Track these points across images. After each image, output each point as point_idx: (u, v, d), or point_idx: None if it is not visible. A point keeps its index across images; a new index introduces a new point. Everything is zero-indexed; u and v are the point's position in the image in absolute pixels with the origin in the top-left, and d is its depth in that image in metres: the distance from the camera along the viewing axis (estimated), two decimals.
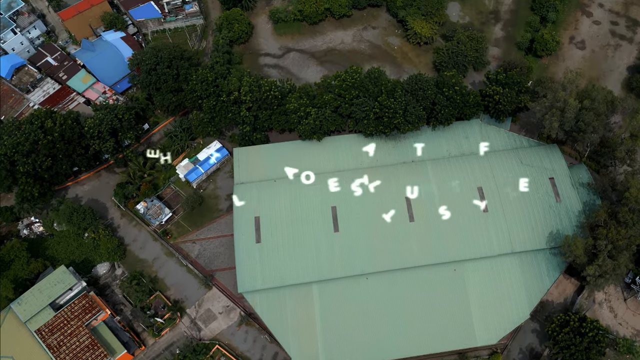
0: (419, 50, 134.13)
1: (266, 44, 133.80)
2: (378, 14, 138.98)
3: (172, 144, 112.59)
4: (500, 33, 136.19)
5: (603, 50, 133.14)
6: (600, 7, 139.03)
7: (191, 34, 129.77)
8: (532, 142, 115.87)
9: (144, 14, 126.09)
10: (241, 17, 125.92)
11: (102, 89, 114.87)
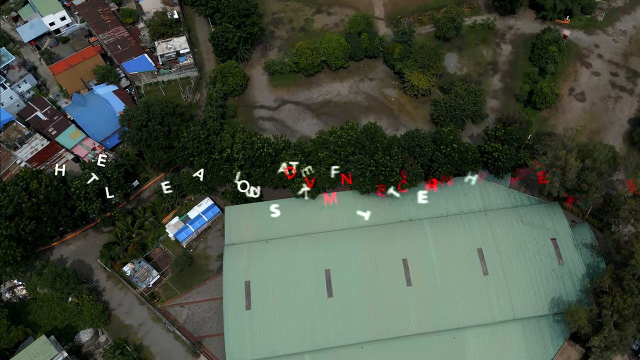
0: (416, 102, 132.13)
1: (261, 96, 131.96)
2: (375, 65, 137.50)
3: (162, 202, 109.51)
4: (498, 84, 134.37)
5: (603, 102, 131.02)
6: (599, 58, 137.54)
7: (185, 86, 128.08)
8: (533, 200, 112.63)
9: (138, 67, 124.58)
10: (236, 69, 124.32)
11: (91, 145, 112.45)
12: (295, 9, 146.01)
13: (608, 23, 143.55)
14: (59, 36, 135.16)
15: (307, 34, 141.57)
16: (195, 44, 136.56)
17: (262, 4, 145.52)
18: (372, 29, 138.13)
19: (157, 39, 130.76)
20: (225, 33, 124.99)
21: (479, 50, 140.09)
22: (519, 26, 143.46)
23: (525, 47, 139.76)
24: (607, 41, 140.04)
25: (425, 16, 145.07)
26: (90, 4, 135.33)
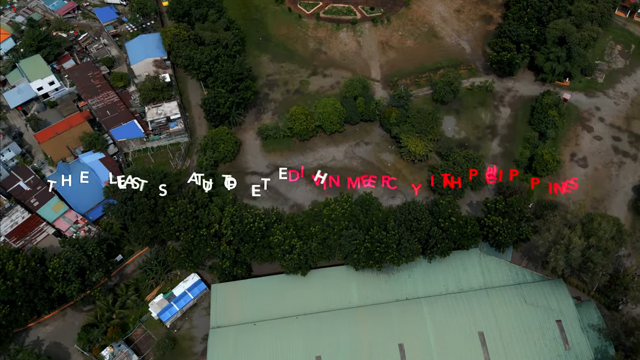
0: (413, 168, 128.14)
1: (254, 162, 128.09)
2: (371, 129, 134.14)
3: (146, 278, 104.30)
4: (497, 149, 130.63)
5: (606, 168, 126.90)
6: (600, 122, 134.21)
7: (175, 153, 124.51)
8: (536, 276, 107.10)
9: (126, 134, 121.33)
10: (227, 136, 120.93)
11: (74, 218, 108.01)
12: (290, 71, 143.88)
13: (609, 85, 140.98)
14: (47, 101, 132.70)
15: (302, 97, 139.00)
16: (187, 108, 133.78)
17: (256, 66, 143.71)
18: (368, 92, 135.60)
19: (147, 103, 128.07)
20: (217, 98, 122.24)
21: (477, 113, 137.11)
22: (517, 88, 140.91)
23: (524, 110, 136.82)
24: (609, 104, 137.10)
25: (422, 78, 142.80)
26: (80, 67, 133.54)
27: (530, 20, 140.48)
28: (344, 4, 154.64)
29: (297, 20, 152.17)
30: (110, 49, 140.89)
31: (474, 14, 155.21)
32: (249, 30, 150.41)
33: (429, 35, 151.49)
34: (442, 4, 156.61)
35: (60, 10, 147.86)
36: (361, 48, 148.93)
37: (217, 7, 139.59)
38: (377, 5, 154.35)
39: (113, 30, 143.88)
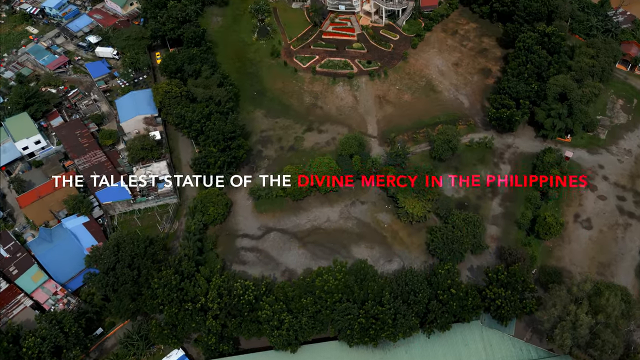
0: (410, 229, 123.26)
1: (245, 223, 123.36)
2: (367, 187, 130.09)
3: (127, 353, 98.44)
4: (498, 209, 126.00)
5: (612, 230, 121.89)
6: (604, 180, 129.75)
7: (163, 215, 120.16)
8: (542, 352, 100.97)
9: (112, 196, 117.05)
10: (218, 198, 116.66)
11: (53, 289, 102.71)
12: (285, 127, 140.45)
13: (611, 141, 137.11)
14: (32, 160, 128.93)
15: (296, 154, 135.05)
16: (177, 167, 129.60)
17: (250, 122, 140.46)
18: (364, 149, 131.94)
19: (136, 162, 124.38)
20: (207, 158, 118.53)
21: (476, 170, 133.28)
22: (518, 145, 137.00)
23: (525, 168, 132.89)
24: (612, 161, 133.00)
25: (420, 134, 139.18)
26: (68, 125, 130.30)
27: (530, 76, 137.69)
28: (340, 57, 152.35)
29: (292, 74, 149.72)
30: (101, 105, 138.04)
31: (472, 67, 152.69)
32: (244, 85, 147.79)
33: (426, 89, 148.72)
34: (440, 58, 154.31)
35: (50, 65, 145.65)
36: (358, 103, 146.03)
37: (211, 62, 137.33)
38: (374, 59, 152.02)
39: (104, 86, 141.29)
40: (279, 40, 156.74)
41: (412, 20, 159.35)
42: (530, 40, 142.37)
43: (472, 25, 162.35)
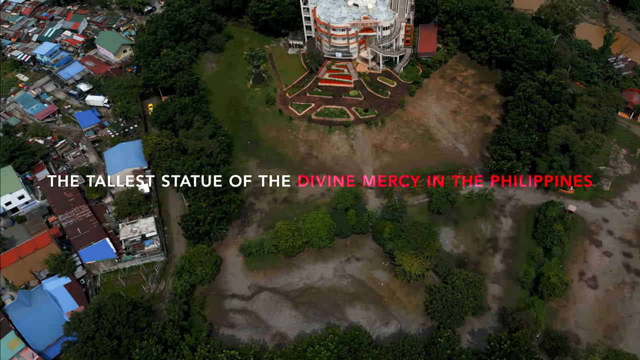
0: (408, 288, 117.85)
1: (234, 282, 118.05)
2: (363, 242, 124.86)
3: None
4: (500, 266, 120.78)
5: (618, 289, 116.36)
6: (609, 235, 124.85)
7: (149, 274, 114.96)
8: None
9: (96, 255, 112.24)
10: (207, 256, 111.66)
11: (29, 358, 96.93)
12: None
13: (616, 193, 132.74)
14: (15, 215, 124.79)
15: (290, 206, 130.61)
16: (166, 221, 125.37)
17: (242, 171, 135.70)
18: (360, 202, 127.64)
19: (123, 218, 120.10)
20: (196, 215, 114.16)
21: (476, 224, 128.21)
22: (519, 196, 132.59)
23: (527, 221, 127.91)
24: (617, 215, 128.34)
25: (418, 186, 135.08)
26: (55, 178, 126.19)
27: (530, 126, 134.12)
28: (337, 105, 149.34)
29: (287, 123, 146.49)
30: (89, 156, 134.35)
31: (471, 115, 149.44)
32: (237, 133, 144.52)
33: (424, 137, 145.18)
34: (438, 105, 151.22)
35: (39, 115, 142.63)
36: (354, 152, 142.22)
37: (204, 112, 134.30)
38: (371, 106, 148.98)
39: (93, 136, 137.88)
40: (274, 87, 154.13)
41: (410, 67, 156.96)
42: (530, 89, 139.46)
43: (471, 72, 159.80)
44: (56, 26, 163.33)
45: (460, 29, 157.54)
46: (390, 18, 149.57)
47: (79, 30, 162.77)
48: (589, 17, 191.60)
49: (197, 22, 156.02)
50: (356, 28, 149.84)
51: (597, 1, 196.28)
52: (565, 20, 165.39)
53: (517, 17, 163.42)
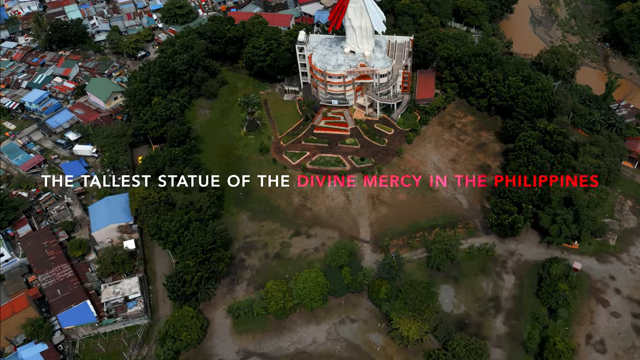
0: (406, 353, 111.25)
1: (221, 347, 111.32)
2: (358, 302, 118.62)
3: None
4: (502, 328, 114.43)
5: (628, 354, 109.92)
6: (617, 294, 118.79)
7: (131, 339, 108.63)
8: None
9: (76, 319, 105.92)
10: (192, 320, 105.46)
11: None
12: (270, 231, 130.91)
13: (622, 248, 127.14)
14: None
15: (282, 262, 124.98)
16: (151, 280, 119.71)
17: (233, 226, 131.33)
18: (355, 258, 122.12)
19: (106, 277, 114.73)
20: (183, 275, 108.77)
21: (477, 282, 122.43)
22: (521, 251, 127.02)
23: (530, 278, 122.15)
24: (624, 272, 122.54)
25: (416, 239, 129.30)
26: (36, 235, 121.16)
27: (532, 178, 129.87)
28: (332, 153, 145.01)
29: (281, 172, 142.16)
30: (74, 209, 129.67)
31: (470, 164, 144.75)
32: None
33: (422, 187, 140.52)
34: (437, 153, 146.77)
35: (24, 166, 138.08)
36: (350, 203, 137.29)
37: (194, 163, 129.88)
38: (368, 155, 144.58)
39: (79, 188, 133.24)
40: (268, 135, 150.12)
41: (408, 114, 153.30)
42: (531, 139, 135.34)
43: (470, 119, 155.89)
44: (47, 72, 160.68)
45: (459, 75, 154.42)
46: (387, 65, 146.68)
47: (70, 76, 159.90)
48: (589, 60, 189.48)
49: (190, 68, 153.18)
50: (353, 75, 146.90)
51: (598, 45, 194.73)
52: (565, 66, 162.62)
53: (516, 63, 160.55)
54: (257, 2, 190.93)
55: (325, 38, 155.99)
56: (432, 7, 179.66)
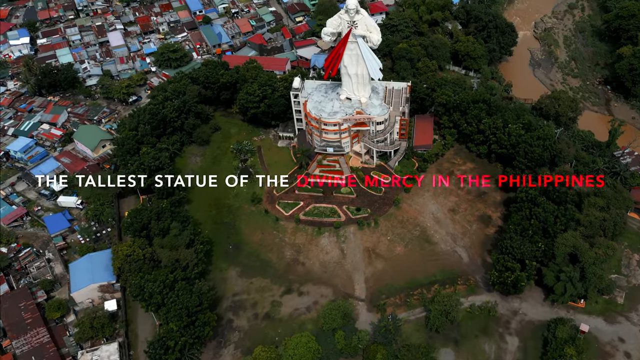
0: None
1: None
2: None
3: None
4: None
5: None
6: (627, 358, 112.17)
7: None
8: None
9: None
10: None
11: None
12: (260, 289, 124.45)
13: (631, 306, 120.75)
14: None
15: (272, 323, 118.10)
16: (132, 344, 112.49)
17: (222, 282, 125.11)
18: (350, 319, 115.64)
19: (85, 342, 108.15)
20: (166, 340, 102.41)
21: (479, 344, 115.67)
22: (525, 310, 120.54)
23: (535, 341, 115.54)
24: (633, 333, 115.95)
25: (414, 297, 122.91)
26: (13, 296, 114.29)
27: (535, 232, 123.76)
28: (327, 203, 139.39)
29: (273, 224, 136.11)
30: (55, 266, 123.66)
31: (470, 214, 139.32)
32: (219, 237, 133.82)
33: (421, 240, 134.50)
34: (435, 203, 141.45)
35: (5, 219, 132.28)
36: (344, 257, 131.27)
37: (182, 216, 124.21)
38: (364, 205, 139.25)
39: (61, 243, 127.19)
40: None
41: (405, 160, 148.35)
42: (533, 190, 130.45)
43: (469, 166, 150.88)
44: (34, 119, 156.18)
45: (458, 121, 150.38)
46: (384, 113, 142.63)
47: (58, 123, 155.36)
48: (590, 104, 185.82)
49: (182, 114, 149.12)
50: (349, 123, 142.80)
51: (599, 88, 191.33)
52: (567, 112, 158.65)
53: (516, 108, 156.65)
54: (252, 46, 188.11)
55: (320, 84, 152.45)
56: (430, 51, 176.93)
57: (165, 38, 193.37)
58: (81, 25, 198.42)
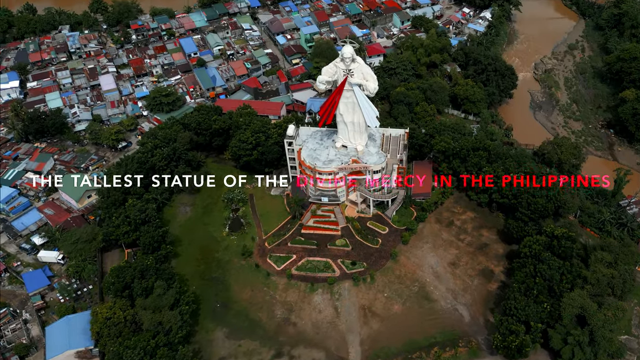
0: None
1: None
2: None
3: None
4: None
5: None
6: None
7: None
8: None
9: None
10: None
11: None
12: (248, 352, 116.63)
13: None
14: None
15: None
16: None
17: (207, 345, 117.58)
18: None
19: None
20: None
21: None
22: None
23: None
24: None
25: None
26: None
27: (540, 292, 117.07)
28: (321, 257, 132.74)
29: (264, 279, 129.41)
30: (32, 327, 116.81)
31: (471, 268, 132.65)
32: (206, 293, 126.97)
33: (419, 296, 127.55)
34: (435, 256, 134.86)
35: None
36: (338, 316, 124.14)
37: (167, 274, 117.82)
38: (360, 258, 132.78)
39: (39, 303, 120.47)
40: (252, 235, 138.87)
41: (403, 210, 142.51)
42: (537, 245, 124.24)
43: (470, 215, 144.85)
44: (19, 167, 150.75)
45: (457, 168, 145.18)
46: (381, 161, 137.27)
47: (43, 171, 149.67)
48: (593, 148, 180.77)
49: (171, 162, 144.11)
50: (344, 172, 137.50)
51: (602, 131, 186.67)
52: (569, 159, 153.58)
53: (517, 154, 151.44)
54: (247, 89, 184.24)
55: (316, 130, 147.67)
56: (429, 95, 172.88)
57: (158, 81, 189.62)
58: (73, 68, 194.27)
